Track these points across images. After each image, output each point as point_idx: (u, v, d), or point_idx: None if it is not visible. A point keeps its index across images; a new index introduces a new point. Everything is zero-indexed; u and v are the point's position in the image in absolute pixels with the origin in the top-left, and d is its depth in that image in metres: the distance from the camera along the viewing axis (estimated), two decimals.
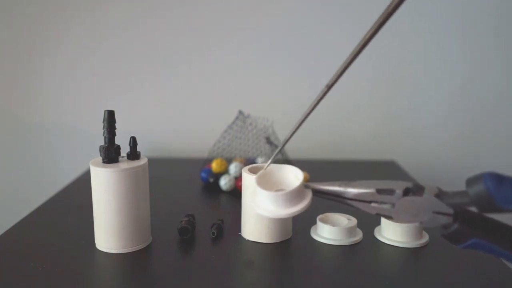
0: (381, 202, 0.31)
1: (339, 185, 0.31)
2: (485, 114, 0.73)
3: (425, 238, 0.40)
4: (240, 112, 0.59)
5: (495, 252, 0.29)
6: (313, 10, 0.71)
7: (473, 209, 0.29)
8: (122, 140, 0.39)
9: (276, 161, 0.58)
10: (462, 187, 0.29)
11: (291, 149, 0.64)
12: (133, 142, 0.39)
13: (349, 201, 0.31)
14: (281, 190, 0.31)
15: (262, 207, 0.31)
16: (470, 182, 0.28)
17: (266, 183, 0.33)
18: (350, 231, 0.41)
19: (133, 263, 0.37)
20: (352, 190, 0.31)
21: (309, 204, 0.31)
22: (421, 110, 0.73)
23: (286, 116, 0.70)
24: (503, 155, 0.75)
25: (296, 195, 0.31)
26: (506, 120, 0.73)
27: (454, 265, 0.37)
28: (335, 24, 0.71)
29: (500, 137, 0.74)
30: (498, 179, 0.27)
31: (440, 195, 0.30)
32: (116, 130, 0.38)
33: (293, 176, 0.33)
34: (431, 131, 0.74)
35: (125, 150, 0.39)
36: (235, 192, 0.54)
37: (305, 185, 0.32)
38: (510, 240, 0.29)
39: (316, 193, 0.32)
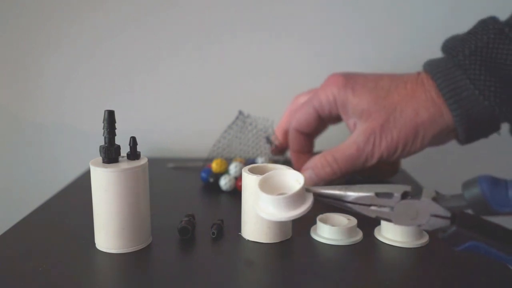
0: (380, 206, 0.31)
1: (340, 189, 0.32)
2: None
3: (425, 238, 0.40)
4: (240, 112, 0.59)
5: (492, 254, 0.29)
6: (314, 11, 0.71)
7: (470, 212, 0.29)
8: (122, 140, 0.39)
9: (277, 162, 0.58)
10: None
11: None
12: (133, 142, 0.39)
13: (349, 205, 0.32)
14: (283, 194, 0.32)
15: (264, 211, 0.32)
16: (466, 185, 0.29)
17: (268, 186, 0.33)
18: (350, 231, 0.41)
19: (133, 263, 0.37)
20: (352, 194, 0.31)
21: (310, 207, 0.32)
22: None
23: None
24: (505, 156, 0.75)
25: (297, 198, 0.31)
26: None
27: (454, 265, 0.37)
28: (336, 25, 0.71)
29: (503, 138, 0.74)
30: (493, 182, 0.28)
31: (438, 198, 0.30)
32: (116, 130, 0.38)
33: (294, 180, 0.34)
34: None
35: (125, 150, 0.39)
36: (235, 192, 0.54)
37: (306, 188, 0.32)
38: (508, 243, 0.29)
39: (317, 196, 0.32)
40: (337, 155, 0.49)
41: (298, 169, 0.55)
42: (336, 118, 0.53)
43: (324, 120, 0.54)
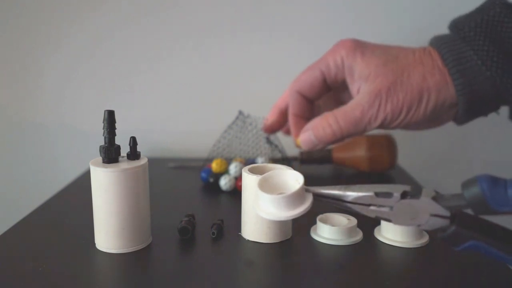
0: (380, 205, 0.31)
1: (339, 189, 0.32)
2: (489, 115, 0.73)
3: (425, 238, 0.40)
4: (240, 112, 0.59)
5: (492, 254, 0.29)
6: (314, 11, 0.71)
7: (470, 211, 0.29)
8: (122, 140, 0.39)
9: (276, 161, 0.58)
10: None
11: (291, 149, 0.64)
12: (133, 142, 0.39)
13: (348, 205, 0.32)
14: (283, 193, 0.32)
15: (264, 210, 0.32)
16: (466, 185, 0.29)
17: (268, 186, 0.33)
18: (350, 231, 0.41)
19: (133, 263, 0.37)
20: (351, 194, 0.31)
21: (309, 207, 0.32)
22: None
23: None
24: (504, 156, 0.75)
25: (296, 198, 0.31)
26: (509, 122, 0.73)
27: (454, 265, 0.37)
28: (336, 25, 0.71)
29: (502, 137, 0.74)
30: (492, 181, 0.28)
31: (437, 198, 0.30)
32: (116, 130, 0.38)
33: (294, 179, 0.34)
34: (433, 132, 0.74)
35: (125, 150, 0.39)
36: (235, 192, 0.54)
37: (305, 188, 0.32)
38: (507, 243, 0.29)
39: (317, 196, 0.32)
40: (339, 116, 0.48)
41: (296, 132, 0.54)
42: (340, 85, 0.52)
43: (328, 85, 0.52)
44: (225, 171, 0.56)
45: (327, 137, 0.49)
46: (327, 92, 0.54)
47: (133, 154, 0.39)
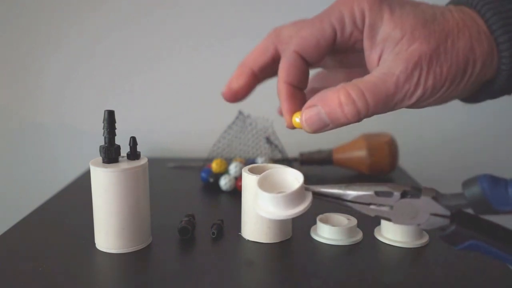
0: (380, 204, 0.31)
1: (339, 188, 0.32)
2: (488, 115, 0.73)
3: (425, 238, 0.40)
4: (240, 112, 0.59)
5: (492, 253, 0.29)
6: (315, 11, 0.71)
7: (470, 211, 0.29)
8: (122, 140, 0.39)
9: (276, 161, 0.58)
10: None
11: (292, 150, 0.64)
12: (133, 142, 0.39)
13: (348, 203, 0.32)
14: (282, 192, 0.32)
15: (263, 209, 0.32)
16: (466, 184, 0.29)
17: (267, 185, 0.33)
18: (350, 231, 0.41)
19: (133, 263, 0.37)
20: (351, 193, 0.31)
21: (309, 206, 0.31)
22: (424, 111, 0.73)
23: None
24: (503, 155, 0.75)
25: (296, 197, 0.31)
26: (509, 122, 0.73)
27: (454, 265, 0.37)
28: None
29: (501, 136, 0.74)
30: (493, 181, 0.28)
31: (437, 197, 0.30)
32: (116, 130, 0.38)
33: (294, 178, 0.34)
34: (433, 132, 0.74)
35: (125, 150, 0.39)
36: (235, 192, 0.54)
37: (305, 187, 0.32)
38: (507, 243, 0.29)
39: (316, 195, 0.32)
40: (366, 89, 0.35)
41: (292, 107, 0.39)
42: (349, 48, 0.39)
43: (335, 46, 0.38)
44: (225, 171, 0.56)
45: (347, 116, 0.35)
46: (328, 55, 0.40)
47: (133, 154, 0.39)
